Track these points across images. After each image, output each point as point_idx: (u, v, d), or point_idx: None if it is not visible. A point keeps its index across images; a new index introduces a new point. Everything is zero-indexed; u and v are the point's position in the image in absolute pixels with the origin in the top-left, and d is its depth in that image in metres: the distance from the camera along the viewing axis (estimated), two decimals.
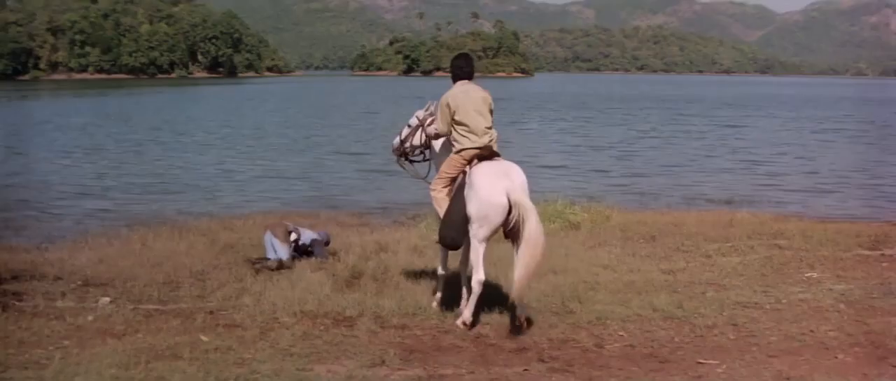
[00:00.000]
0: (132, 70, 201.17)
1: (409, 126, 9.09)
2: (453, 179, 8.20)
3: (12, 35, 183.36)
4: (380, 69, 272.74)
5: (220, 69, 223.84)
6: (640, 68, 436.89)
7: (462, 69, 8.47)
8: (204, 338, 7.59)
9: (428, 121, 8.84)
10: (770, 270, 10.34)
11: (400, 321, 8.20)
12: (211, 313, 8.51)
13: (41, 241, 14.11)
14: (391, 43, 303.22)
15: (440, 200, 8.25)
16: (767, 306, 8.60)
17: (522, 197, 7.64)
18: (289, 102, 77.09)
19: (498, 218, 7.65)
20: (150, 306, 8.79)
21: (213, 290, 9.45)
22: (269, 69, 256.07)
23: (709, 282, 9.68)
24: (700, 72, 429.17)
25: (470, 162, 8.10)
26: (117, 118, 52.27)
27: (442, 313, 8.41)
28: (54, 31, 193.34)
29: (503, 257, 9.16)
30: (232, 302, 8.86)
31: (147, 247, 12.29)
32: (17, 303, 8.88)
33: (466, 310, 8.00)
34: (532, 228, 7.47)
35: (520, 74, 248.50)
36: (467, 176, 7.98)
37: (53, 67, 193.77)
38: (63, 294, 9.31)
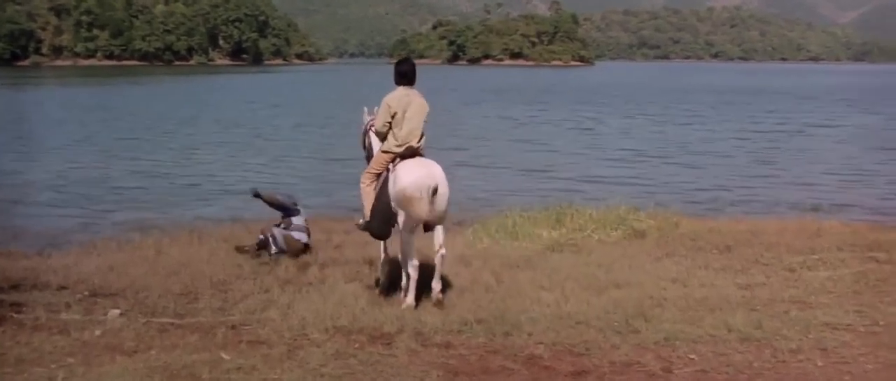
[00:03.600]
0: (145, 56, 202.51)
1: (362, 135, 10.53)
2: (378, 175, 9.61)
3: (10, 14, 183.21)
4: (422, 57, 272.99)
5: (244, 56, 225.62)
6: (715, 56, 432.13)
7: (405, 75, 9.66)
8: (225, 356, 7.65)
9: (369, 126, 10.21)
10: (865, 287, 10.15)
11: (443, 338, 8.21)
12: (233, 327, 8.58)
13: (43, 246, 14.35)
14: (435, 27, 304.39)
15: (366, 192, 9.68)
16: (862, 329, 8.45)
17: (440, 183, 9.04)
18: (322, 93, 77.55)
19: (420, 207, 8.83)
20: (165, 320, 8.87)
21: (236, 302, 9.53)
22: (299, 56, 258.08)
23: (792, 300, 9.53)
24: (783, 59, 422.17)
25: (393, 161, 9.43)
26: (128, 111, 53.06)
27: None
28: (58, 11, 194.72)
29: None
30: (256, 316, 8.93)
31: (162, 254, 12.44)
32: (15, 315, 8.93)
33: (410, 295, 9.31)
34: (436, 208, 8.92)
35: (578, 63, 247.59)
36: (391, 174, 9.34)
37: (57, 51, 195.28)
38: (68, 306, 9.39)
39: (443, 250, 9.39)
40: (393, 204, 9.20)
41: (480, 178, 23.98)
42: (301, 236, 12.51)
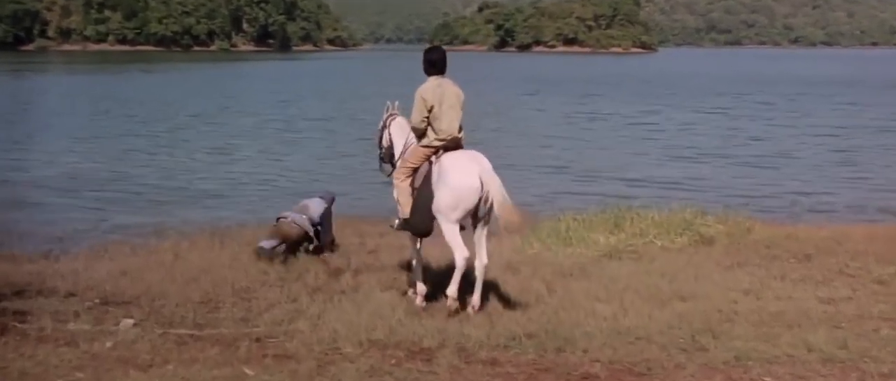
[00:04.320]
0: (162, 41, 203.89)
1: (379, 130, 10.87)
2: (415, 170, 9.85)
3: None
4: (466, 43, 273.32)
5: (270, 41, 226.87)
6: (794, 41, 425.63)
7: (435, 64, 9.97)
8: (249, 372, 7.71)
9: (389, 122, 10.60)
10: None
11: (489, 354, 8.22)
12: (257, 340, 8.65)
13: (50, 249, 14.49)
14: (480, 10, 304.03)
15: (401, 188, 9.94)
16: None
17: (490, 178, 9.35)
18: (354, 82, 77.85)
19: (472, 200, 9.35)
20: (183, 331, 8.95)
21: (261, 312, 9.61)
22: (330, 42, 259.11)
23: (883, 316, 9.43)
24: (873, 44, 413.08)
25: (435, 154, 9.75)
26: (141, 101, 53.54)
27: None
28: None
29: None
30: (283, 328, 8.99)
31: (180, 258, 12.55)
32: (19, 325, 9.03)
33: (452, 285, 9.58)
34: (499, 202, 9.22)
35: (639, 50, 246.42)
36: (435, 167, 9.64)
37: (64, 35, 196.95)
38: (76, 315, 9.50)
39: (485, 259, 9.67)
40: (438, 198, 9.44)
41: (527, 179, 23.89)
42: (300, 221, 12.70)
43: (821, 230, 14.86)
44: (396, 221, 10.20)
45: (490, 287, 10.36)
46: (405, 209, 9.92)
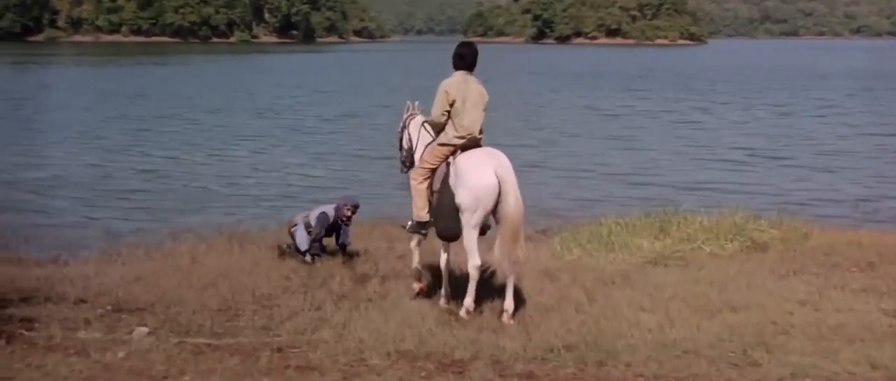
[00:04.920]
0: (179, 31, 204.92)
1: (399, 131, 11.26)
2: (433, 170, 10.10)
3: None
4: (501, 34, 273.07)
5: (294, 32, 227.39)
6: (856, 31, 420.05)
7: (464, 58, 10.20)
8: None
9: (408, 122, 11.01)
10: None
11: (525, 367, 8.22)
12: (279, 350, 8.68)
13: (59, 252, 14.65)
14: None
15: (418, 190, 10.18)
16: None
17: (506, 173, 9.59)
18: (382, 76, 77.97)
19: (490, 200, 9.59)
20: (201, 341, 9.00)
21: (283, 320, 9.66)
22: (357, 33, 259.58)
23: None
24: None
25: (453, 153, 9.96)
26: (156, 96, 53.88)
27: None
28: None
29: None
30: (306, 337, 9.03)
31: (197, 263, 12.65)
32: (26, 333, 9.11)
33: (468, 297, 9.83)
34: (510, 202, 9.52)
35: (687, 41, 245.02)
36: (452, 167, 9.87)
37: (75, 25, 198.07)
38: (87, 322, 9.58)
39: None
40: (457, 200, 9.67)
41: (564, 182, 23.87)
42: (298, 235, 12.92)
43: (886, 237, 14.72)
44: (409, 223, 10.44)
45: (526, 296, 10.36)
46: (421, 212, 10.18)
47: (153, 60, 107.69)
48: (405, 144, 11.04)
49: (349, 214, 13.04)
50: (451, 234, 10.03)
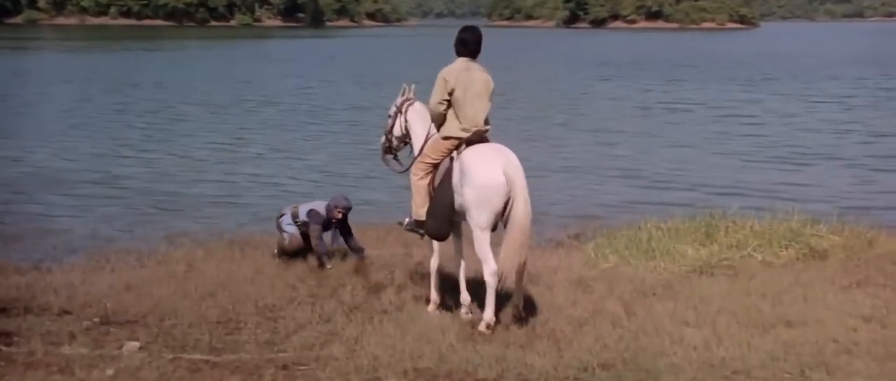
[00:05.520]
0: (173, 14, 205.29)
1: (390, 117, 11.45)
2: (436, 166, 10.29)
3: None
4: (530, 17, 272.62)
5: (300, 15, 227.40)
6: None
7: (467, 45, 10.38)
8: None
9: (405, 107, 11.22)
10: None
11: None
12: (285, 367, 8.72)
13: (42, 257, 14.72)
14: None
15: (418, 186, 10.37)
16: None
17: (516, 173, 9.68)
18: (396, 65, 77.99)
19: (499, 199, 9.69)
20: (198, 357, 9.05)
21: (289, 334, 9.70)
22: (370, 16, 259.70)
23: None
24: None
25: (457, 148, 10.14)
26: (146, 85, 53.90)
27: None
28: None
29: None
30: (315, 353, 9.06)
31: (195, 270, 12.71)
32: (4, 348, 9.14)
33: (487, 310, 9.84)
34: (520, 208, 9.58)
35: (736, 25, 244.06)
36: (456, 162, 10.05)
37: (58, 6, 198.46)
38: (72, 336, 9.62)
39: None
40: (463, 199, 9.87)
41: (599, 182, 23.78)
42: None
43: None
44: (406, 220, 10.66)
45: (557, 308, 10.35)
46: (420, 210, 10.36)
47: (144, 46, 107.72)
48: (398, 132, 11.28)
49: (339, 216, 13.19)
50: (439, 233, 10.31)
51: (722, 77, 65.48)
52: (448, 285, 10.95)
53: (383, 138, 11.54)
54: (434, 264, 10.78)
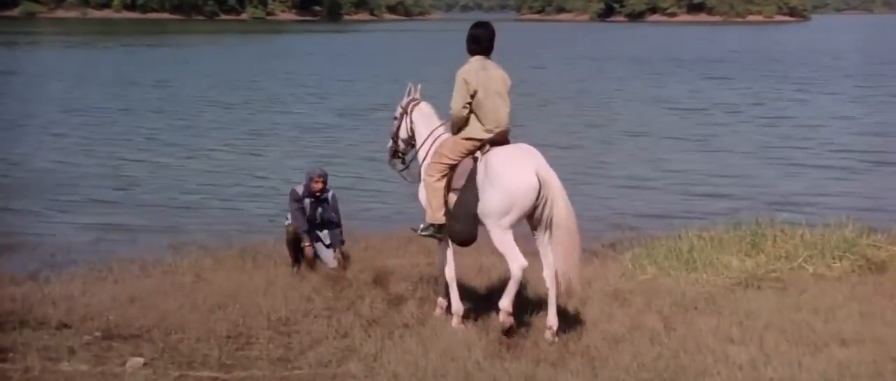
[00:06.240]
0: (180, 7, 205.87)
1: (396, 118, 11.73)
2: (453, 167, 10.44)
3: None
4: (562, 10, 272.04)
5: (316, 8, 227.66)
6: None
7: (480, 42, 10.58)
8: None
9: (410, 108, 11.50)
10: None
11: None
12: None
13: (39, 267, 14.73)
14: None
15: (434, 188, 10.50)
16: None
17: (550, 175, 9.86)
18: (419, 62, 78.04)
19: (528, 202, 9.87)
20: (206, 374, 9.08)
21: (303, 350, 9.72)
22: (391, 10, 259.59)
23: None
24: None
25: (479, 149, 10.34)
26: (149, 83, 54.00)
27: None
28: None
29: None
30: (331, 370, 9.09)
31: (203, 280, 12.75)
32: None
33: (506, 300, 10.03)
34: (562, 210, 9.81)
35: (786, 17, 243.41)
36: (481, 164, 10.22)
37: None
38: (71, 351, 9.64)
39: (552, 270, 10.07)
40: (486, 201, 10.03)
41: (636, 188, 23.69)
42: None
43: None
44: (422, 225, 10.78)
45: (591, 323, 10.34)
46: (436, 213, 10.53)
47: (147, 41, 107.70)
48: (404, 133, 11.55)
49: (320, 185, 13.46)
50: (467, 237, 10.48)
51: (769, 75, 65.19)
52: (470, 295, 10.97)
53: (390, 142, 11.81)
54: (450, 272, 10.88)
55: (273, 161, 28.23)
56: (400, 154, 11.74)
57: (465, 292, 11.34)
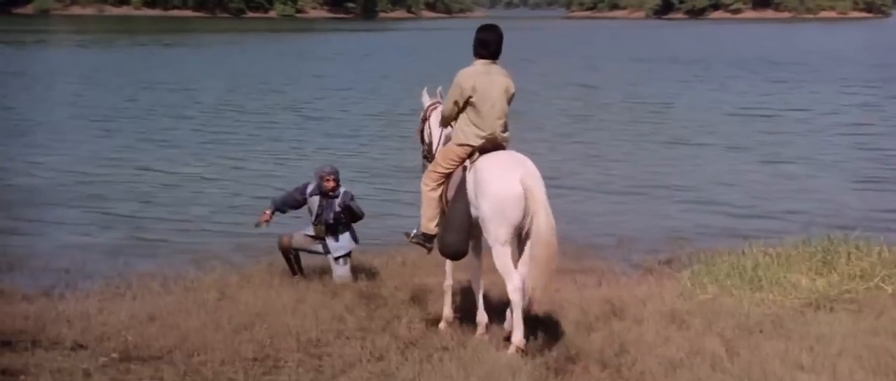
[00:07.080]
0: (204, 3, 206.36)
1: (421, 122, 12.33)
2: (448, 176, 10.87)
3: None
4: (616, 7, 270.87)
5: (350, 5, 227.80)
6: None
7: (487, 46, 10.91)
8: None
9: (429, 113, 12.00)
10: None
11: None
12: None
13: (53, 283, 14.81)
14: None
15: (429, 198, 10.97)
16: None
17: (535, 184, 10.19)
18: (458, 64, 77.88)
19: (516, 212, 10.21)
20: None
21: (335, 374, 9.77)
22: (430, 7, 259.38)
23: None
24: None
25: (470, 157, 10.72)
26: (169, 86, 54.25)
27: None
28: None
29: None
30: None
31: (227, 298, 12.83)
32: None
33: (516, 331, 10.37)
34: (542, 223, 10.02)
35: (862, 14, 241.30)
36: (469, 171, 10.63)
37: None
38: (87, 374, 9.69)
39: (518, 282, 10.35)
40: (478, 211, 10.48)
41: (695, 201, 23.56)
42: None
43: None
44: (413, 232, 11.36)
45: (647, 347, 10.31)
46: (429, 224, 11.04)
47: (166, 40, 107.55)
48: (426, 139, 12.06)
49: (331, 183, 13.56)
50: (457, 251, 10.89)
51: (841, 77, 64.64)
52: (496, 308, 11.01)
53: (421, 147, 12.30)
54: (448, 282, 11.65)
55: (300, 171, 28.21)
56: (429, 159, 11.92)
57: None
